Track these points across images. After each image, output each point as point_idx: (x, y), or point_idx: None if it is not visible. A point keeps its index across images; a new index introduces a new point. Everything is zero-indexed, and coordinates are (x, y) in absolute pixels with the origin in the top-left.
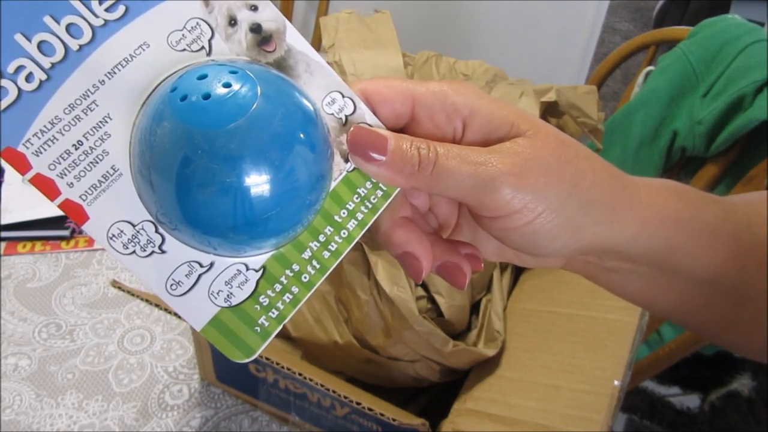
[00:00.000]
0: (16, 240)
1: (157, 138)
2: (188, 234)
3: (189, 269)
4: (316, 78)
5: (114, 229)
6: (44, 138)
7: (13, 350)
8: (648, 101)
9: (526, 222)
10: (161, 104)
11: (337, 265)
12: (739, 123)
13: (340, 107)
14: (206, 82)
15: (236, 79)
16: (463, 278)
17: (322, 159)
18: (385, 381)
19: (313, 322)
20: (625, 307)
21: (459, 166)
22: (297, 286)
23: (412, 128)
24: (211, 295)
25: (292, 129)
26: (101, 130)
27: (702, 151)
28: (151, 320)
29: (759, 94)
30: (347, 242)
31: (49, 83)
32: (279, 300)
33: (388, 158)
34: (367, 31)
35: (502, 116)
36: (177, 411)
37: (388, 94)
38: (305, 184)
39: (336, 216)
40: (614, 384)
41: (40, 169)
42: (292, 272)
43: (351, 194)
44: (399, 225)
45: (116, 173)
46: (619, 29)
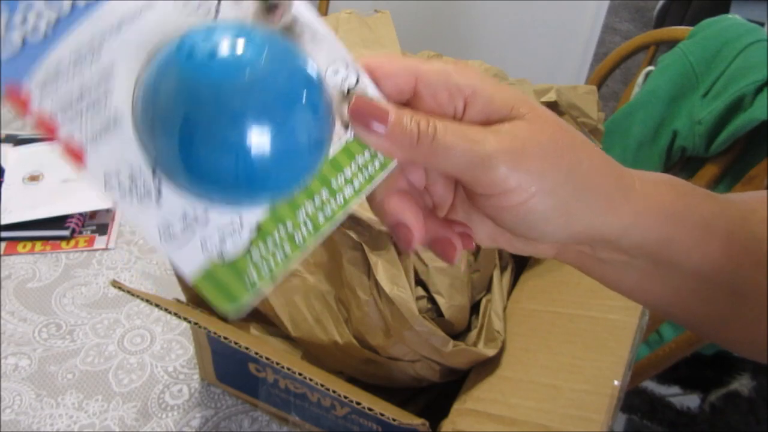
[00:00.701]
0: (16, 240)
1: (162, 92)
2: (186, 185)
3: (184, 219)
4: (321, 48)
5: (112, 175)
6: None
7: (13, 350)
8: (648, 101)
9: (519, 201)
10: (167, 60)
11: (338, 265)
12: (739, 123)
13: (344, 78)
14: (212, 40)
15: (242, 38)
16: (453, 252)
17: (322, 123)
18: (385, 381)
19: (313, 322)
20: (625, 307)
21: (457, 142)
22: (289, 245)
23: (413, 104)
24: (204, 246)
25: (294, 90)
26: (105, 83)
27: (702, 151)
28: (151, 320)
29: (759, 94)
30: (342, 208)
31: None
32: (270, 257)
33: (388, 129)
34: (367, 31)
35: (502, 99)
36: (177, 411)
37: (392, 69)
38: (304, 146)
39: (333, 181)
40: (614, 384)
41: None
42: (285, 231)
43: (349, 162)
44: (394, 196)
45: (117, 123)
46: (619, 29)
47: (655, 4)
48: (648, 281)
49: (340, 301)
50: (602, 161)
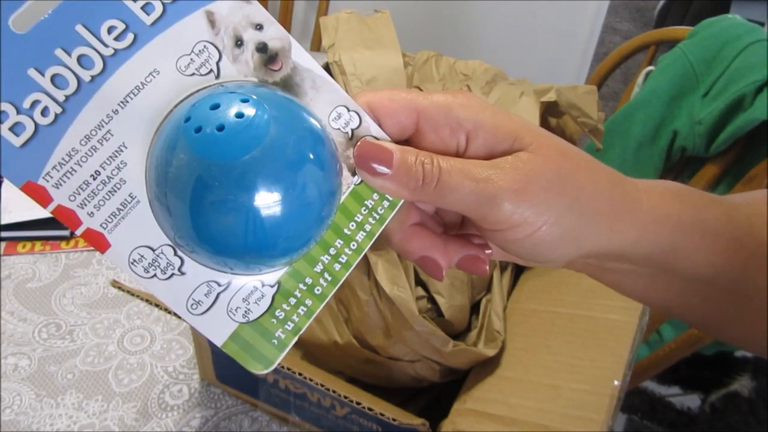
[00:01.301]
0: (16, 240)
1: (174, 168)
2: (205, 256)
3: (208, 289)
4: (321, 94)
5: (135, 255)
6: (63, 170)
7: (13, 350)
8: (648, 101)
9: (526, 235)
10: (176, 135)
11: None
12: (739, 123)
13: (346, 121)
14: (219, 112)
15: (248, 108)
16: (483, 266)
17: (331, 176)
18: (385, 381)
19: (313, 322)
20: (625, 307)
21: (461, 182)
22: (311, 299)
23: (416, 140)
24: (230, 312)
25: (303, 152)
26: (117, 159)
27: (702, 151)
28: (151, 320)
29: (759, 94)
30: (357, 253)
31: (65, 116)
32: (294, 313)
33: (393, 172)
34: (367, 31)
35: (505, 129)
36: (177, 411)
37: (393, 108)
38: (317, 203)
39: (345, 229)
40: (614, 384)
41: (60, 201)
42: (305, 286)
43: (359, 207)
44: (411, 234)
45: (134, 200)
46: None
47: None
48: (654, 286)
49: (340, 301)
50: (606, 182)
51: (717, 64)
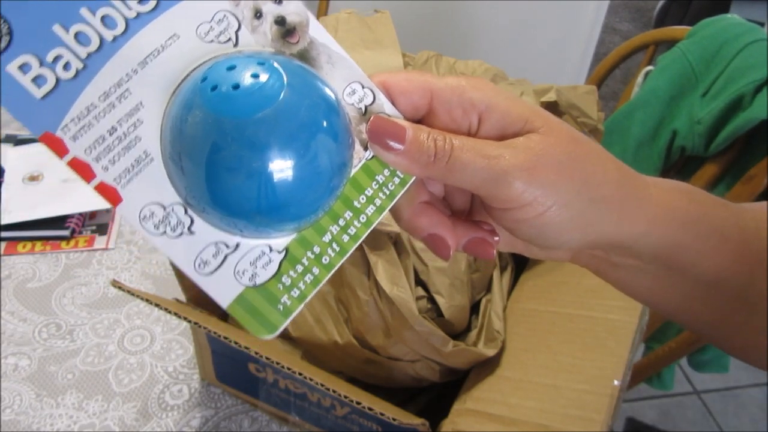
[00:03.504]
0: (16, 240)
1: (189, 126)
2: (216, 216)
3: (216, 249)
4: (337, 69)
5: (146, 211)
6: (80, 124)
7: (13, 350)
8: (647, 101)
9: (535, 215)
10: (192, 94)
11: None
12: (738, 122)
13: (360, 97)
14: (235, 72)
15: (264, 70)
16: (491, 249)
17: (343, 147)
18: (385, 381)
19: (313, 322)
20: (625, 307)
21: (473, 159)
22: (318, 267)
23: (429, 121)
24: (237, 274)
25: (316, 118)
26: (134, 117)
27: (701, 151)
28: (151, 320)
29: (758, 94)
30: (366, 226)
31: (85, 72)
32: (300, 280)
33: (405, 148)
34: (367, 31)
35: (517, 113)
36: (177, 411)
37: (408, 87)
38: (327, 171)
39: (355, 201)
40: (614, 384)
41: (76, 153)
42: (313, 254)
43: (370, 181)
44: (420, 211)
45: (148, 158)
46: (619, 29)
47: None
48: (660, 286)
49: (340, 301)
50: (616, 170)
51: (716, 64)
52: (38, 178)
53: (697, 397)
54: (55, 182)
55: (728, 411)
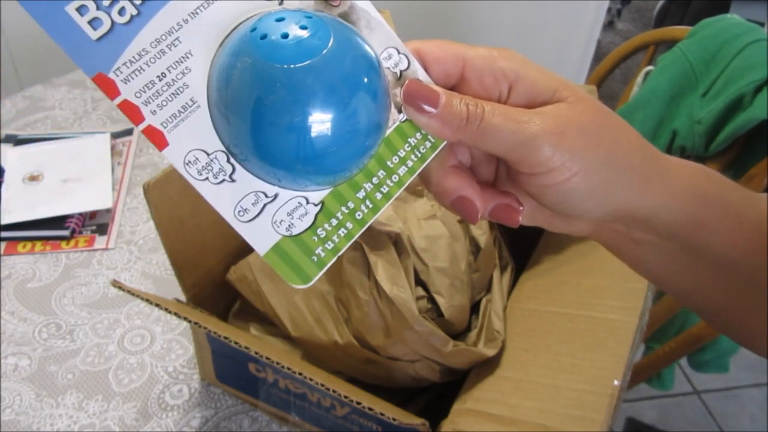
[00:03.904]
0: (16, 240)
1: (237, 72)
2: (257, 165)
3: (255, 198)
4: (375, 34)
5: (190, 156)
6: (132, 67)
7: (13, 350)
8: (647, 101)
9: (562, 180)
10: (242, 42)
11: (338, 265)
12: (738, 122)
13: (396, 62)
14: (284, 23)
15: (310, 23)
16: (517, 215)
17: (381, 107)
18: (385, 381)
19: (313, 322)
20: (625, 307)
21: (504, 123)
22: (351, 222)
23: (460, 88)
24: (274, 223)
25: (359, 73)
26: (183, 64)
27: (701, 151)
28: (151, 320)
29: (758, 94)
30: (398, 186)
31: (139, 18)
32: (335, 233)
33: (438, 111)
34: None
35: (545, 83)
36: (177, 411)
37: (441, 55)
38: (365, 128)
39: (388, 161)
40: (614, 384)
41: (127, 96)
42: (347, 209)
43: (403, 143)
44: (449, 173)
45: (194, 105)
46: (619, 29)
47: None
48: (675, 265)
49: (340, 301)
50: (640, 142)
51: (716, 64)
52: (38, 178)
53: (697, 397)
54: (55, 182)
55: (728, 411)
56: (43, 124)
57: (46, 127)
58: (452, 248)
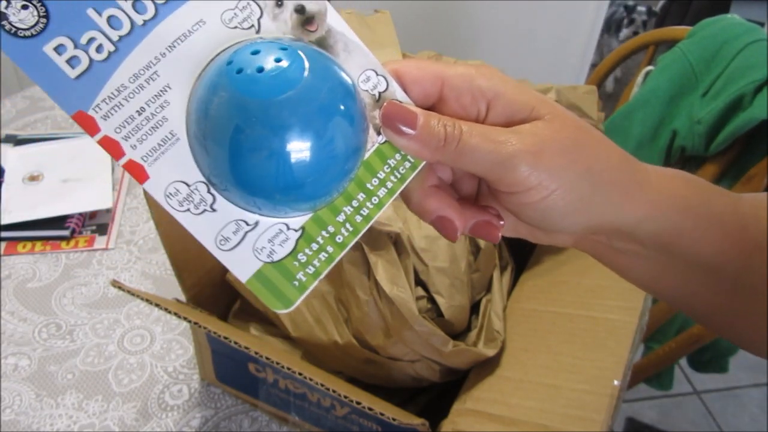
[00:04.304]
0: (16, 240)
1: (214, 106)
2: (237, 194)
3: (236, 227)
4: (353, 57)
5: (171, 188)
6: (111, 104)
7: (13, 350)
8: (647, 101)
9: (540, 198)
10: (218, 76)
11: (337, 265)
12: (738, 122)
13: (374, 84)
14: (259, 56)
15: (286, 55)
16: (496, 232)
17: (359, 131)
18: (385, 381)
19: (313, 322)
20: (625, 307)
21: (481, 143)
22: (332, 246)
23: (439, 107)
24: (256, 251)
25: (335, 102)
26: (162, 98)
27: (701, 151)
28: (151, 320)
29: (758, 94)
30: (378, 208)
31: (117, 54)
32: (315, 258)
33: (417, 132)
34: (367, 30)
35: (523, 101)
36: (177, 411)
37: (419, 75)
38: (343, 154)
39: (368, 183)
40: (614, 384)
41: (107, 132)
42: (327, 233)
43: (382, 164)
44: (429, 194)
45: (174, 138)
46: None
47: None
48: (660, 272)
49: (340, 301)
50: (618, 156)
51: (716, 64)
52: (38, 178)
53: (697, 397)
54: (55, 182)
55: (728, 411)
56: (43, 124)
57: (46, 127)
58: (452, 248)
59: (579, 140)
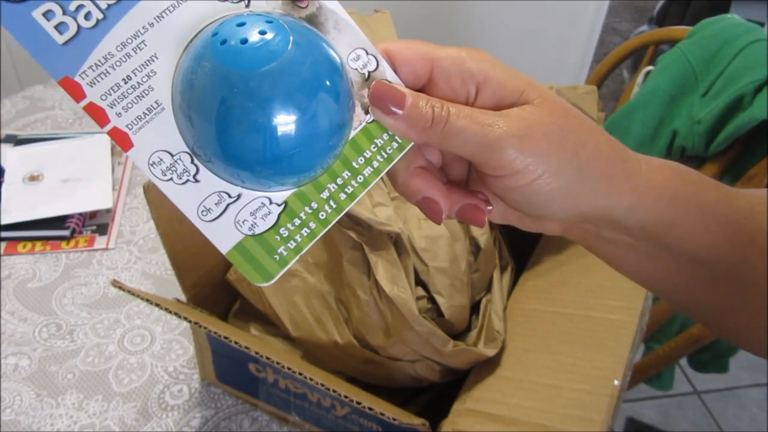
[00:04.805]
0: (16, 240)
1: (198, 77)
2: (220, 166)
3: (219, 198)
4: (343, 35)
5: (155, 157)
6: (98, 71)
7: (13, 350)
8: (647, 101)
9: (526, 182)
10: (203, 47)
11: (338, 265)
12: (738, 122)
13: (364, 63)
14: (244, 28)
15: (271, 28)
16: (483, 216)
17: (344, 108)
18: (385, 381)
19: (313, 322)
20: (625, 307)
21: (468, 126)
22: (314, 222)
23: (429, 89)
24: (237, 223)
25: (318, 77)
26: (148, 67)
27: (701, 151)
28: (151, 320)
29: (758, 94)
30: (362, 186)
31: (105, 22)
32: (297, 233)
33: (404, 112)
34: (367, 30)
35: (513, 84)
36: (177, 411)
37: (410, 56)
38: (327, 129)
39: (354, 162)
40: (614, 384)
41: (93, 98)
42: (310, 209)
43: (369, 143)
44: (415, 174)
45: (159, 107)
46: (619, 29)
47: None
48: (651, 264)
49: (340, 301)
50: (607, 144)
51: (716, 64)
52: (38, 178)
53: (697, 397)
54: (55, 182)
55: (728, 411)
56: (43, 124)
57: (46, 127)
58: (452, 248)
59: (567, 126)
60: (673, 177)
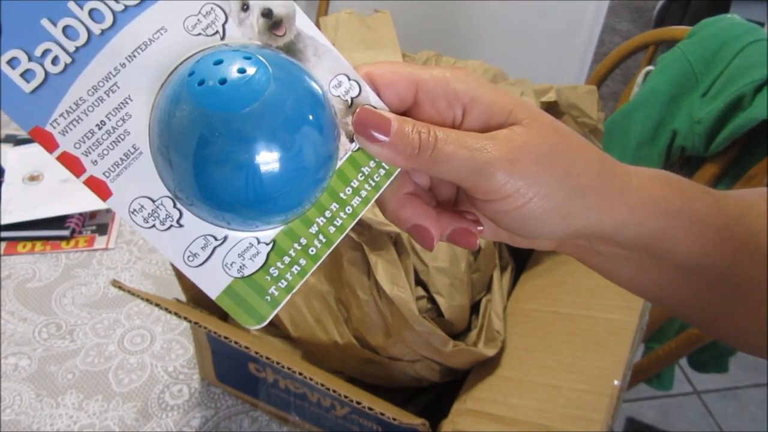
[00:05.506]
0: (16, 240)
1: (176, 120)
2: (204, 209)
3: (205, 242)
4: (323, 61)
5: (135, 204)
6: (70, 118)
7: (13, 350)
8: (647, 101)
9: (517, 206)
10: (180, 88)
11: (338, 265)
12: (738, 122)
13: (347, 90)
14: (222, 67)
15: (250, 65)
16: (474, 239)
17: (329, 140)
18: (385, 381)
19: (313, 322)
20: (625, 307)
21: (456, 151)
22: (305, 259)
23: (414, 112)
24: (225, 266)
25: (302, 112)
26: (123, 110)
27: (701, 151)
28: (151, 320)
29: (758, 94)
30: (351, 218)
31: (74, 66)
32: (288, 271)
33: (390, 139)
34: (367, 31)
35: (500, 104)
36: (177, 411)
37: (393, 79)
38: (313, 164)
39: (341, 193)
40: (614, 384)
41: (66, 148)
42: (300, 245)
43: (355, 173)
44: (405, 202)
45: (137, 152)
46: (619, 29)
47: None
48: (645, 273)
49: (340, 301)
50: (597, 160)
51: (716, 64)
52: (38, 178)
53: (697, 397)
54: (55, 182)
55: (728, 411)
56: None
57: None
58: (452, 248)
59: (557, 145)
60: (663, 188)
